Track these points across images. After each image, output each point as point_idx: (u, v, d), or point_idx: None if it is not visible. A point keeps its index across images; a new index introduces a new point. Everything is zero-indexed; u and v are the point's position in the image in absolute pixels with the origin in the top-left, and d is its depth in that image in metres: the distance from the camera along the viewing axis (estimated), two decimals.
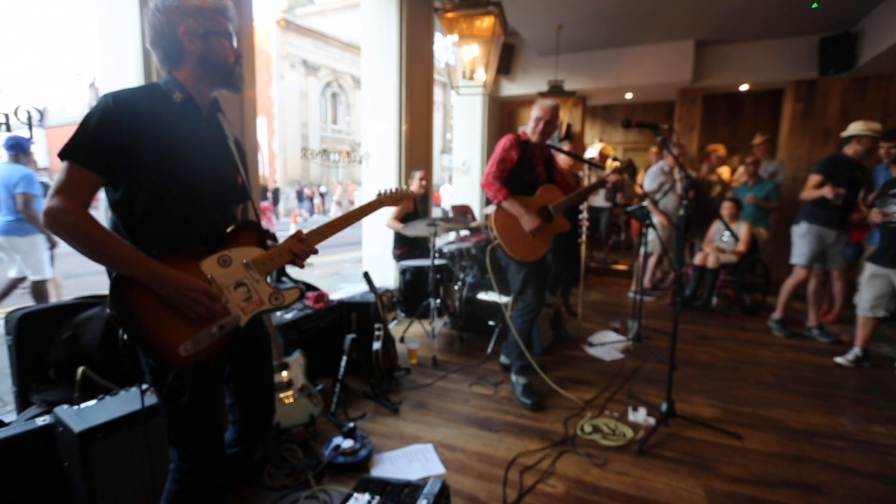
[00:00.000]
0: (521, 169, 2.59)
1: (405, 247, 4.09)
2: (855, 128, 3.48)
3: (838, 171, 3.49)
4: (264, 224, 1.39)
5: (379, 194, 1.65)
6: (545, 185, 2.66)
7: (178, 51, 1.17)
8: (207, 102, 1.26)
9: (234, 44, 1.24)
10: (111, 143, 1.06)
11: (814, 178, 3.59)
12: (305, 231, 1.35)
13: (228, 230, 1.26)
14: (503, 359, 3.08)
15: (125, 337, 1.10)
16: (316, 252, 1.37)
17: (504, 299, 3.19)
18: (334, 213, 16.93)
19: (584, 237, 4.02)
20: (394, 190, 1.68)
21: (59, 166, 1.06)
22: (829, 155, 3.69)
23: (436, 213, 7.21)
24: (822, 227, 3.58)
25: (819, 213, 3.58)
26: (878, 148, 3.40)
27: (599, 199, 6.27)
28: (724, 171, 5.75)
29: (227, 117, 1.34)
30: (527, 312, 2.65)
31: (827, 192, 3.43)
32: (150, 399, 1.66)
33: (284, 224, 15.60)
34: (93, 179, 1.07)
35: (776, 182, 4.93)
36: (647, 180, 4.92)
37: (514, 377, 2.70)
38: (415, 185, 4.06)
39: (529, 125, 2.62)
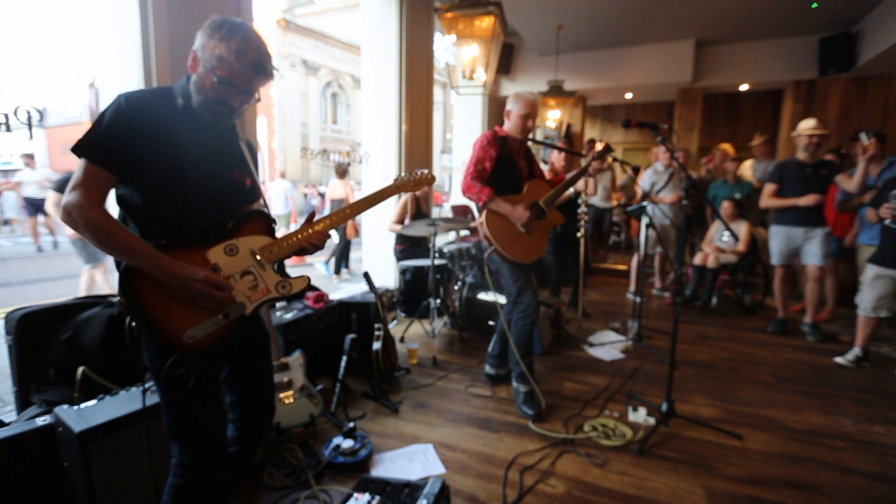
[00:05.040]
0: (503, 166, 2.46)
1: (405, 243, 4.14)
2: (798, 128, 3.67)
3: (786, 175, 3.71)
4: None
5: (396, 179, 1.63)
6: (531, 182, 2.54)
7: (188, 63, 1.20)
8: None
9: (230, 91, 1.16)
10: (120, 143, 1.10)
11: (768, 187, 3.80)
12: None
13: (237, 219, 1.27)
14: (489, 368, 2.88)
15: (132, 324, 1.14)
16: (329, 237, 1.38)
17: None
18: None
19: (582, 231, 4.02)
20: (415, 174, 1.64)
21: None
22: (777, 162, 3.94)
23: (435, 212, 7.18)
24: (787, 227, 3.73)
25: (782, 214, 3.77)
26: (818, 145, 3.56)
27: (602, 200, 6.22)
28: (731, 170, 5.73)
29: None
30: (527, 315, 2.51)
31: (803, 201, 3.57)
32: (152, 399, 1.66)
33: None
34: (105, 177, 1.11)
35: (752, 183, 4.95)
36: (642, 181, 4.93)
37: (514, 384, 2.61)
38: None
39: (512, 122, 2.48)
